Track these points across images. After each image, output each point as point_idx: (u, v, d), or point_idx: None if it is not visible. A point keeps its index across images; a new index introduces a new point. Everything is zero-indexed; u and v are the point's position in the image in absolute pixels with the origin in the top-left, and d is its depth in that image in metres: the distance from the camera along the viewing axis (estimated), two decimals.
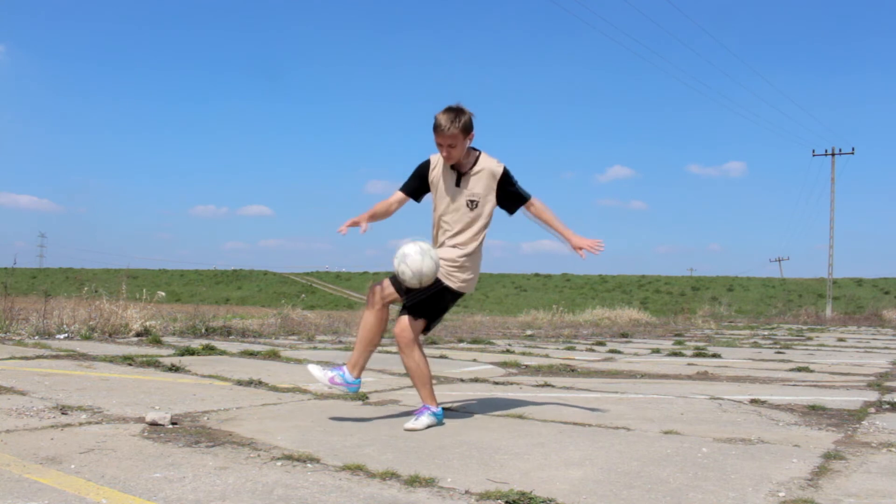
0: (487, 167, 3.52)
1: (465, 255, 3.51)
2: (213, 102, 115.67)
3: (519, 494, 2.24)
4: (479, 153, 3.56)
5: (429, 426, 3.38)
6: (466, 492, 2.31)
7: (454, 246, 3.52)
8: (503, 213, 3.65)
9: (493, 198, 3.55)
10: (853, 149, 37.26)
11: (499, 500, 2.22)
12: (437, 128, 3.40)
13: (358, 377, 3.53)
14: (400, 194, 3.65)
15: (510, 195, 3.57)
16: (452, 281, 3.50)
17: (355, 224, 3.53)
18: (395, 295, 3.49)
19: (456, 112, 3.41)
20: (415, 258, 3.30)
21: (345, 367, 3.52)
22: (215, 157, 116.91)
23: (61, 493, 2.19)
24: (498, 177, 3.52)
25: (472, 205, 3.50)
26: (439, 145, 3.44)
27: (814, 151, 37.68)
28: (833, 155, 36.86)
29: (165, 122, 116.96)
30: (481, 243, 3.58)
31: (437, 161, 3.57)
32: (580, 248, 3.61)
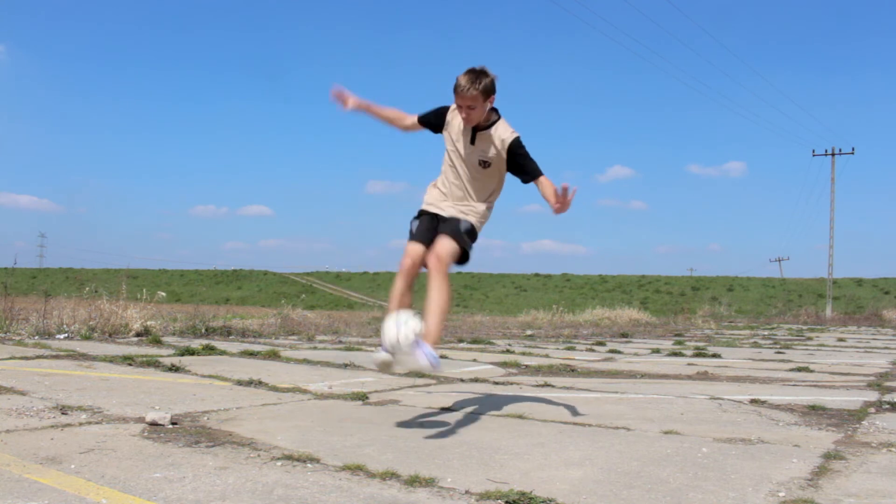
0: (500, 134, 3.48)
1: (486, 212, 3.55)
2: (213, 102, 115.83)
3: (519, 494, 2.24)
4: (499, 118, 3.51)
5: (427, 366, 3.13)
6: (466, 492, 2.32)
7: (471, 200, 3.53)
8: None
9: (503, 165, 3.54)
10: (853, 149, 37.33)
11: (499, 500, 2.22)
12: (456, 88, 3.36)
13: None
14: (415, 119, 3.64)
15: (519, 166, 3.50)
16: (477, 224, 3.53)
17: (342, 98, 3.51)
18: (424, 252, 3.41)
19: (477, 74, 3.35)
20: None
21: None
22: (215, 157, 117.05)
23: (61, 493, 2.19)
24: (507, 145, 3.46)
25: (484, 164, 3.50)
26: (458, 107, 3.41)
27: (814, 151, 37.75)
28: (833, 155, 36.87)
29: (165, 122, 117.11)
30: (492, 206, 3.59)
31: (454, 114, 3.54)
32: (558, 205, 3.34)
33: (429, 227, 3.52)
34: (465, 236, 3.43)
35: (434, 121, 3.61)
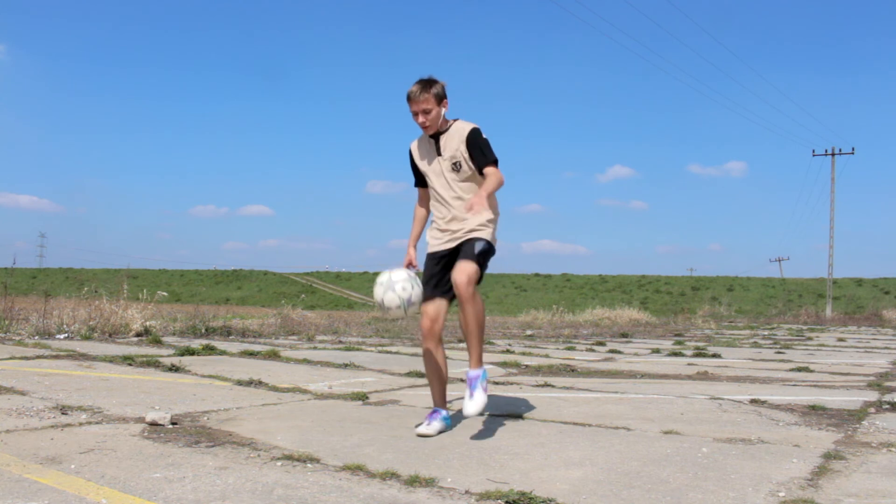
0: (459, 128, 3.48)
1: (492, 219, 3.50)
2: (213, 102, 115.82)
3: (519, 494, 2.24)
4: (456, 120, 3.53)
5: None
6: (466, 492, 2.31)
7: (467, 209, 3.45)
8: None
9: (470, 159, 3.46)
10: (853, 149, 37.27)
11: (499, 500, 2.22)
12: (409, 96, 3.41)
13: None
14: (420, 191, 3.68)
15: (473, 157, 3.43)
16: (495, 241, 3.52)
17: (411, 264, 3.55)
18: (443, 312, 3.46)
19: (427, 81, 3.42)
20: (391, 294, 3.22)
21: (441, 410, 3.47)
22: (215, 157, 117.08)
23: (61, 493, 2.19)
24: (465, 136, 3.44)
25: (456, 167, 3.45)
26: (414, 114, 3.42)
27: (814, 151, 37.70)
28: (833, 155, 36.85)
29: (165, 122, 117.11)
30: (495, 207, 3.52)
31: (416, 145, 3.58)
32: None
33: (435, 272, 3.49)
34: (481, 258, 3.40)
35: (416, 170, 3.63)
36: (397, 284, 3.21)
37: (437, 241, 3.51)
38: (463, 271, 3.29)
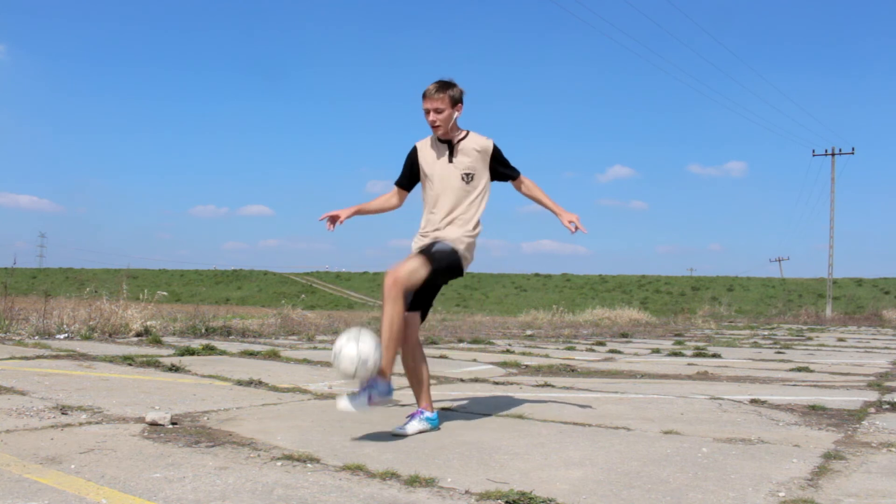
0: (478, 142, 3.51)
1: (472, 235, 3.48)
2: (213, 102, 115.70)
3: (519, 494, 2.24)
4: (468, 131, 3.56)
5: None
6: (466, 492, 2.32)
7: (454, 224, 3.44)
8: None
9: (487, 173, 3.53)
10: (853, 149, 37.30)
11: (499, 500, 2.22)
12: (424, 94, 3.42)
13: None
14: (396, 189, 3.65)
15: (500, 174, 3.59)
16: (465, 259, 3.47)
17: (335, 217, 3.46)
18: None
19: (446, 82, 3.44)
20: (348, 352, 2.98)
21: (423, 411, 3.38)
22: (215, 157, 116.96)
23: (61, 493, 2.19)
24: (490, 152, 3.51)
25: (468, 178, 3.47)
26: (426, 111, 3.43)
27: (814, 151, 37.74)
28: (833, 155, 36.86)
29: (165, 122, 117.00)
30: (479, 221, 3.53)
31: (423, 144, 3.58)
32: (571, 222, 3.56)
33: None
34: (438, 255, 3.33)
35: (410, 169, 3.59)
36: (369, 362, 2.98)
37: (417, 246, 3.51)
38: (397, 266, 3.23)
